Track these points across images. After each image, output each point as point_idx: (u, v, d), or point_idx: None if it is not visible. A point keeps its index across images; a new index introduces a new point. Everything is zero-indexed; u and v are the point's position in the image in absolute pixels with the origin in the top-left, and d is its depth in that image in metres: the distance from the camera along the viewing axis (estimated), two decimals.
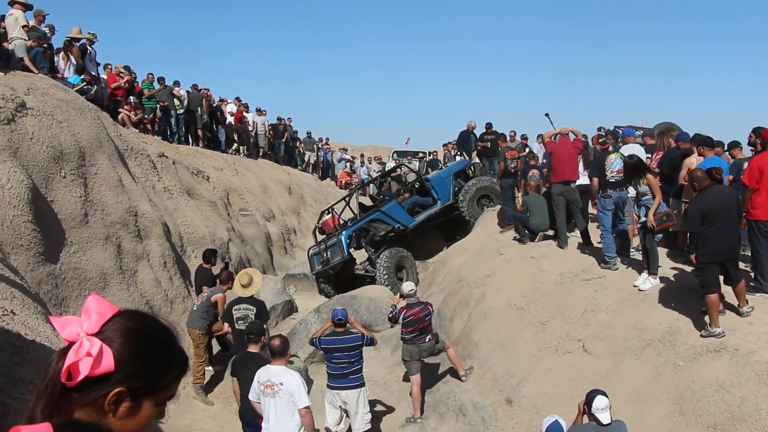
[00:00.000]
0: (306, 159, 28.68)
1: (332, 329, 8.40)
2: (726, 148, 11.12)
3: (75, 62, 13.03)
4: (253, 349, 7.33)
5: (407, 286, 9.38)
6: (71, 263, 8.33)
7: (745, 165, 8.84)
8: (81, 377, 1.33)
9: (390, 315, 9.41)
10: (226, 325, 9.51)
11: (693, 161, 9.40)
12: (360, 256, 15.73)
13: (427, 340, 9.12)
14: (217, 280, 10.01)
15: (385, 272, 14.23)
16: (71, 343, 1.35)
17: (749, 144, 9.99)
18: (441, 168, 20.54)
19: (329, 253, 14.86)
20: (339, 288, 15.19)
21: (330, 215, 16.45)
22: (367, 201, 19.40)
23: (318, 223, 16.95)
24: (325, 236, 15.82)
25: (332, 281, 15.60)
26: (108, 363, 1.36)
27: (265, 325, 8.36)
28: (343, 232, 14.87)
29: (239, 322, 9.00)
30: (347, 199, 17.18)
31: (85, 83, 12.67)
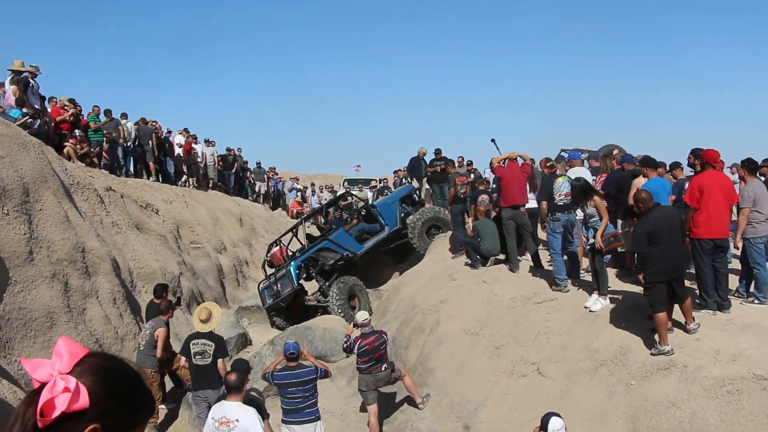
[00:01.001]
0: (256, 189, 28.53)
1: (285, 363, 8.30)
2: (668, 168, 11.44)
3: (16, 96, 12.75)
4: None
5: (361, 316, 9.36)
6: (16, 303, 8.10)
7: (686, 185, 9.12)
8: (57, 413, 1.34)
9: (345, 345, 9.35)
10: (183, 359, 9.32)
11: (641, 182, 9.65)
12: (311, 286, 15.67)
13: (383, 369, 9.08)
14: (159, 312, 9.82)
15: (337, 301, 14.17)
16: (42, 385, 1.37)
17: (689, 165, 10.33)
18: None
19: (279, 286, 14.76)
20: (291, 320, 15.07)
21: (278, 247, 16.34)
22: (315, 231, 19.33)
23: (266, 256, 16.82)
24: (274, 269, 15.70)
25: (284, 313, 15.48)
26: (84, 399, 1.37)
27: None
28: (292, 263, 14.80)
29: (197, 357, 8.80)
30: (294, 230, 17.11)
31: (27, 117, 12.41)
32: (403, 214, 16.95)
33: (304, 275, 15.32)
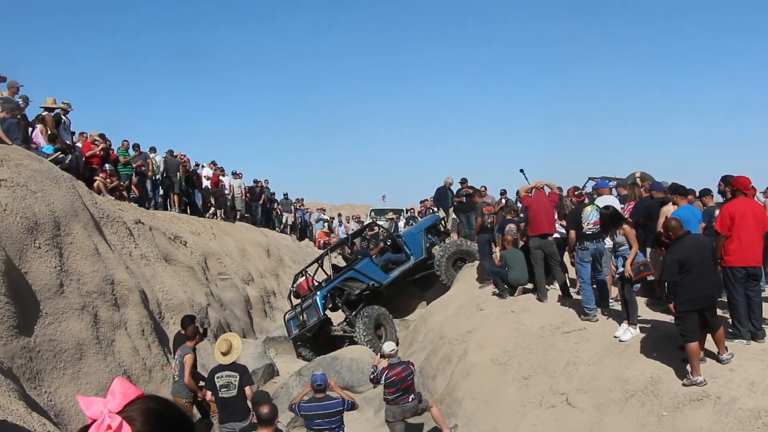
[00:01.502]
0: (284, 220, 28.72)
1: (312, 395, 8.26)
2: (698, 195, 11.31)
3: (49, 132, 13.02)
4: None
5: (388, 346, 9.31)
6: (46, 335, 8.18)
7: (717, 212, 9.00)
8: None
9: (372, 376, 9.30)
10: (209, 393, 9.28)
11: (670, 209, 9.55)
12: (337, 317, 15.65)
13: (410, 399, 9.00)
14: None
15: (364, 331, 14.13)
16: (93, 421, 1.41)
17: (719, 192, 10.20)
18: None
19: (305, 316, 14.76)
20: (317, 351, 15.05)
21: (304, 278, 16.36)
22: (341, 262, 19.35)
23: (292, 287, 16.84)
24: (300, 299, 15.71)
25: (310, 344, 15.46)
26: None
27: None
28: (318, 293, 14.81)
29: (222, 390, 8.71)
30: (320, 260, 17.15)
31: (59, 152, 12.66)
32: (428, 244, 16.92)
33: (330, 305, 15.31)
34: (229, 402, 8.66)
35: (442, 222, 19.11)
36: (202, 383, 9.77)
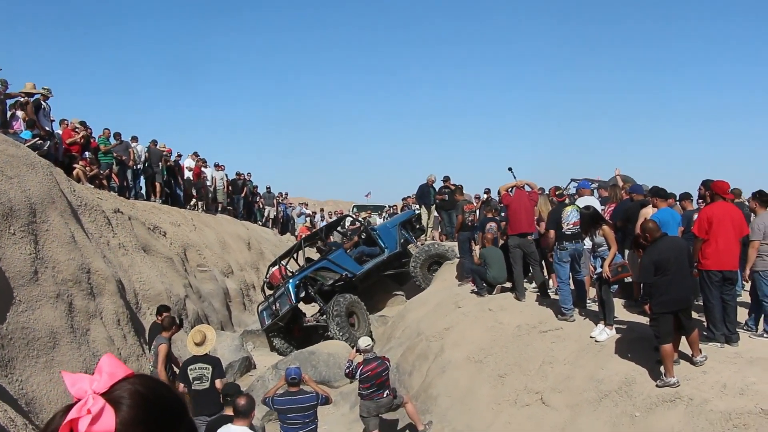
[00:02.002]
0: (266, 214, 28.59)
1: (286, 388, 8.22)
2: (677, 199, 11.38)
3: (27, 117, 12.86)
4: (228, 412, 7.03)
5: (364, 342, 9.28)
6: (19, 323, 8.08)
7: (695, 216, 9.06)
8: None
9: (347, 371, 9.26)
10: (181, 385, 9.17)
11: (649, 212, 9.59)
12: (311, 310, 15.65)
13: (384, 395, 9.00)
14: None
15: (335, 319, 14.15)
16: (78, 400, 1.32)
17: (699, 196, 10.27)
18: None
19: (278, 305, 14.74)
20: (291, 343, 15.08)
21: (276, 267, 16.28)
22: (316, 256, 19.29)
23: (266, 277, 16.77)
24: (273, 290, 15.67)
25: (283, 335, 15.42)
26: (107, 424, 1.30)
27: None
28: (290, 281, 14.78)
29: (195, 382, 8.60)
30: (294, 252, 17.09)
31: (38, 138, 12.51)
32: (402, 240, 16.98)
33: (303, 294, 15.30)
34: (201, 394, 8.56)
35: (416, 218, 19.20)
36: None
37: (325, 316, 14.70)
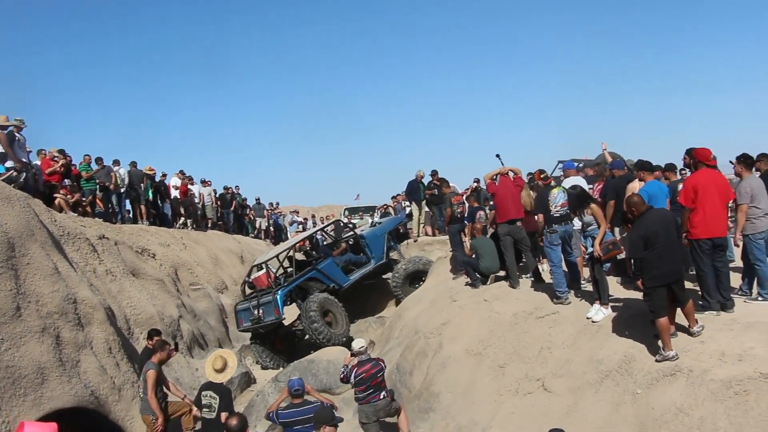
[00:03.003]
0: (257, 225, 28.42)
1: (289, 401, 8.06)
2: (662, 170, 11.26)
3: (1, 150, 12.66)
4: None
5: (357, 343, 9.11)
6: (3, 362, 7.90)
7: (680, 186, 8.95)
8: None
9: (341, 376, 9.08)
10: (195, 410, 8.91)
11: (636, 186, 9.47)
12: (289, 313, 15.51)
13: (381, 397, 8.77)
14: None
15: (311, 318, 14.04)
16: None
17: (684, 165, 10.14)
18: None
19: (261, 311, 14.54)
20: (276, 356, 14.98)
21: (263, 271, 16.03)
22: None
23: (248, 277, 16.54)
24: (256, 292, 15.46)
25: (267, 349, 15.32)
26: None
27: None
28: (279, 291, 14.60)
29: (204, 410, 8.37)
30: (281, 255, 16.87)
31: (12, 171, 12.33)
32: (387, 247, 16.94)
33: (288, 303, 15.16)
34: (208, 424, 8.31)
35: (404, 226, 19.19)
36: (175, 398, 9.47)
37: (299, 318, 14.55)
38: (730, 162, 9.39)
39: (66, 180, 15.52)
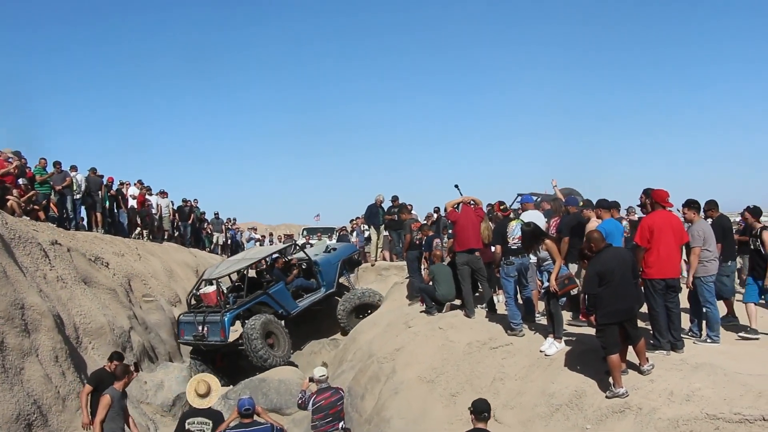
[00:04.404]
0: (214, 240, 28.13)
1: (238, 420, 7.87)
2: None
3: None
4: None
5: (318, 371, 8.77)
6: None
7: (623, 224, 9.11)
8: None
9: (299, 401, 8.69)
10: None
11: (593, 225, 9.59)
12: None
13: (340, 427, 8.47)
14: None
15: (253, 340, 13.93)
16: None
17: (640, 204, 10.34)
18: (351, 242, 20.68)
19: (206, 329, 14.33)
20: (217, 374, 14.73)
21: (214, 288, 15.73)
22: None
23: (196, 290, 16.22)
24: (203, 307, 15.24)
25: (208, 368, 15.06)
26: None
27: None
28: (228, 314, 14.40)
29: None
30: (234, 274, 16.60)
31: None
32: (338, 275, 16.98)
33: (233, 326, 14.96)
34: None
35: (357, 254, 19.30)
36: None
37: (241, 340, 14.40)
38: (677, 210, 9.61)
39: (20, 179, 15.18)
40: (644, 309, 8.62)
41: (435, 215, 20.11)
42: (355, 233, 25.32)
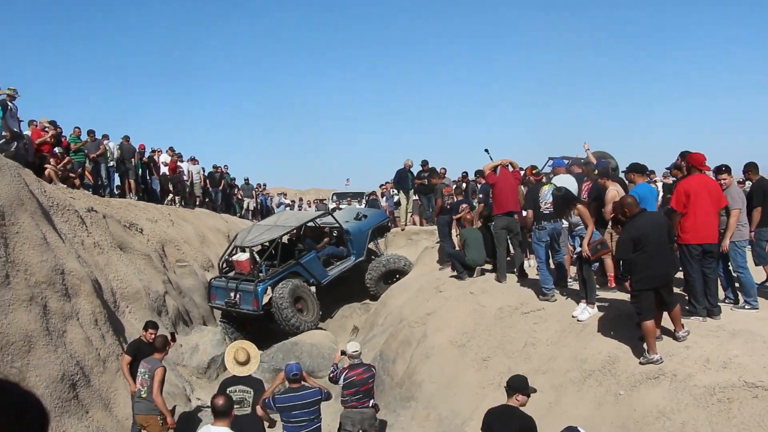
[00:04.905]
0: (245, 206, 28.33)
1: (284, 386, 7.88)
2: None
3: None
4: None
5: (352, 346, 8.75)
6: None
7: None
8: None
9: (331, 375, 8.66)
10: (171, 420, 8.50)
11: (614, 194, 9.38)
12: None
13: (370, 404, 8.45)
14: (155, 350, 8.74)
15: (282, 305, 14.02)
16: None
17: (675, 166, 10.16)
18: (380, 207, 20.66)
19: (239, 297, 14.49)
20: (246, 338, 14.91)
21: (247, 256, 15.73)
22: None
23: (228, 255, 16.26)
24: (236, 274, 15.33)
25: (237, 332, 15.27)
26: None
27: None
28: (261, 285, 14.47)
29: (236, 407, 7.35)
30: (270, 243, 16.62)
31: (3, 140, 12.21)
32: (370, 244, 17.01)
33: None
34: (242, 420, 7.60)
35: (390, 222, 19.36)
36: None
37: (271, 302, 14.50)
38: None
39: (56, 148, 15.40)
40: (679, 275, 8.57)
41: (464, 182, 20.05)
42: (384, 198, 25.37)
